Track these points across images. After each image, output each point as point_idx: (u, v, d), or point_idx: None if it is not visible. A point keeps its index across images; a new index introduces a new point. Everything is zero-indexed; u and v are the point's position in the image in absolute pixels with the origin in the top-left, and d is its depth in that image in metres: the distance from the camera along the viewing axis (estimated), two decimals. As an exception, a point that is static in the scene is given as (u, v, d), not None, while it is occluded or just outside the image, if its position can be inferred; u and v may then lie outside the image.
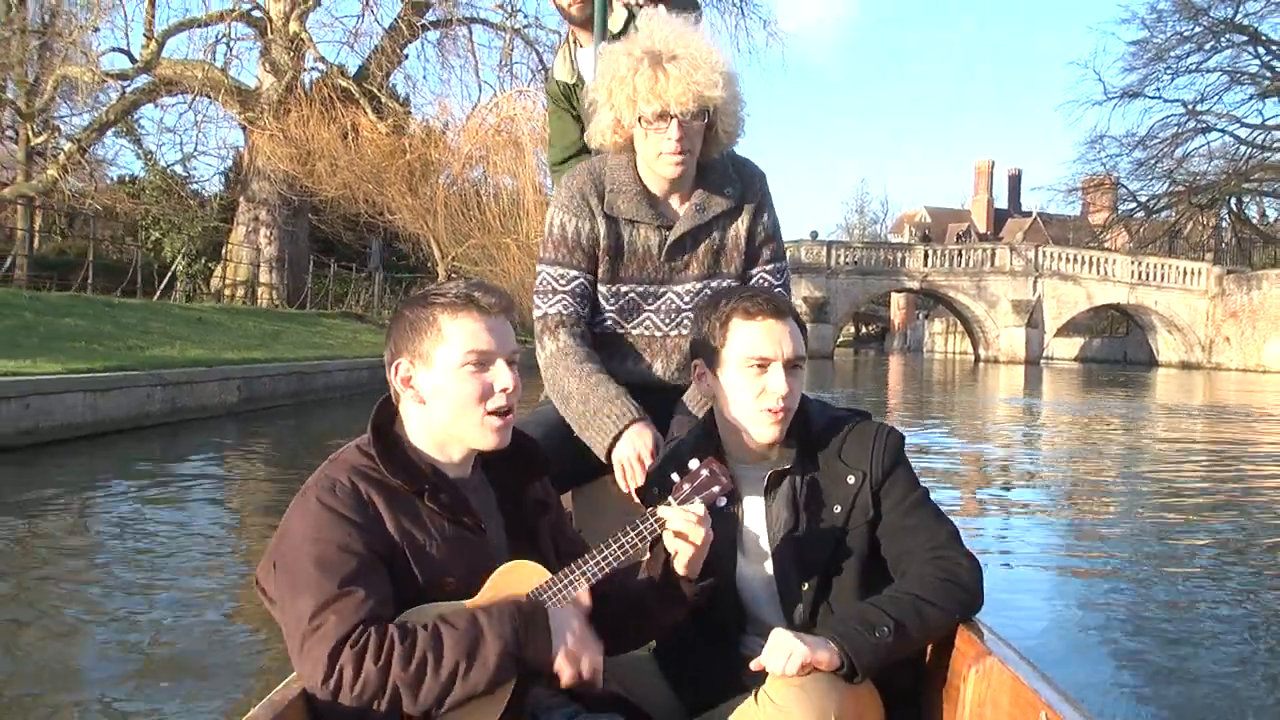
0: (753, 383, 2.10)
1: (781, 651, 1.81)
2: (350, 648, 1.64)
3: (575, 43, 3.74)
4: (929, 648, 2.06)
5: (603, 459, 2.49)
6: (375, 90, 29.37)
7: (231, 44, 30.50)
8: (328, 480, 1.80)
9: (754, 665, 1.85)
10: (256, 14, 30.12)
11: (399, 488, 1.82)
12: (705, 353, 2.19)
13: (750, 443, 2.15)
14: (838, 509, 2.10)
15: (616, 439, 2.46)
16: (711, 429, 2.23)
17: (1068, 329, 59.09)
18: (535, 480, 2.06)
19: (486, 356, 1.85)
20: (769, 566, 2.13)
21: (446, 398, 1.85)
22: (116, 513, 7.26)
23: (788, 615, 2.11)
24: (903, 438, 2.19)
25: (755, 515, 2.17)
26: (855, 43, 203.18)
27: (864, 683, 1.86)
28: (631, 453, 2.43)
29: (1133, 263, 54.09)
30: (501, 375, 1.87)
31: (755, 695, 1.86)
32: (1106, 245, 63.00)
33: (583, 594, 1.86)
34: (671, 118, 2.43)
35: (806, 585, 2.09)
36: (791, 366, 2.10)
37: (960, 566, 2.02)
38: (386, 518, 1.78)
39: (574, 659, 1.79)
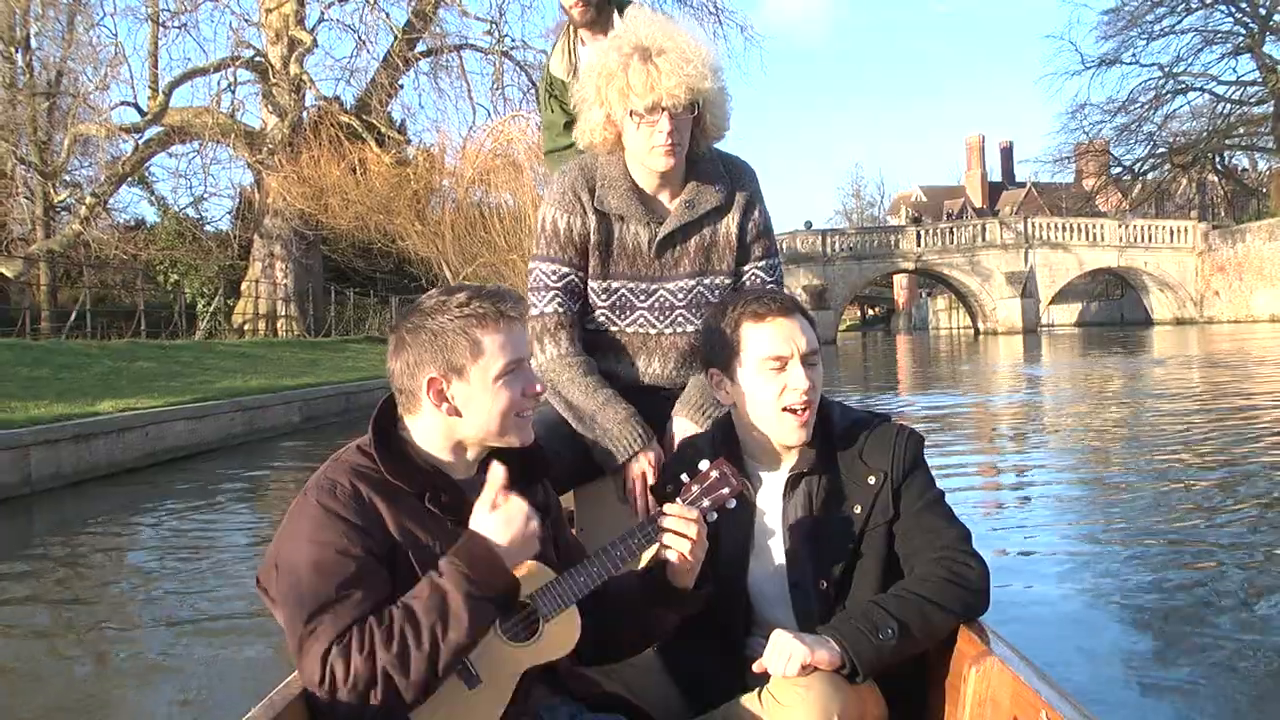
0: (773, 383, 2.11)
1: (781, 653, 1.85)
2: (338, 644, 1.67)
3: (577, 38, 3.80)
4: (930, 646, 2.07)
5: (609, 474, 2.61)
6: (375, 122, 31.17)
7: (235, 89, 32.37)
8: (328, 482, 1.83)
9: (756, 667, 1.90)
10: (257, 59, 31.87)
11: (400, 488, 1.84)
12: (719, 361, 2.21)
13: (772, 445, 2.19)
14: (858, 509, 2.12)
15: (626, 463, 2.56)
16: (729, 432, 2.25)
17: (1064, 295, 61.23)
18: (537, 483, 2.06)
19: (519, 365, 1.91)
20: (783, 567, 2.16)
21: (485, 408, 1.89)
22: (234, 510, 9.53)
23: (799, 615, 2.13)
24: (923, 439, 2.22)
25: (772, 516, 2.19)
26: (840, 34, 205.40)
27: (866, 681, 1.89)
28: (637, 473, 2.53)
29: (1120, 226, 56.28)
30: (531, 378, 1.93)
31: (759, 694, 1.89)
32: (1102, 210, 65.15)
33: (493, 472, 1.88)
34: (663, 110, 2.46)
35: (824, 584, 2.12)
36: (808, 360, 2.13)
37: (968, 568, 2.04)
38: (388, 518, 1.81)
39: (525, 543, 1.84)
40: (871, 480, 2.14)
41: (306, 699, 1.70)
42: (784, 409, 2.11)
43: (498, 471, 1.85)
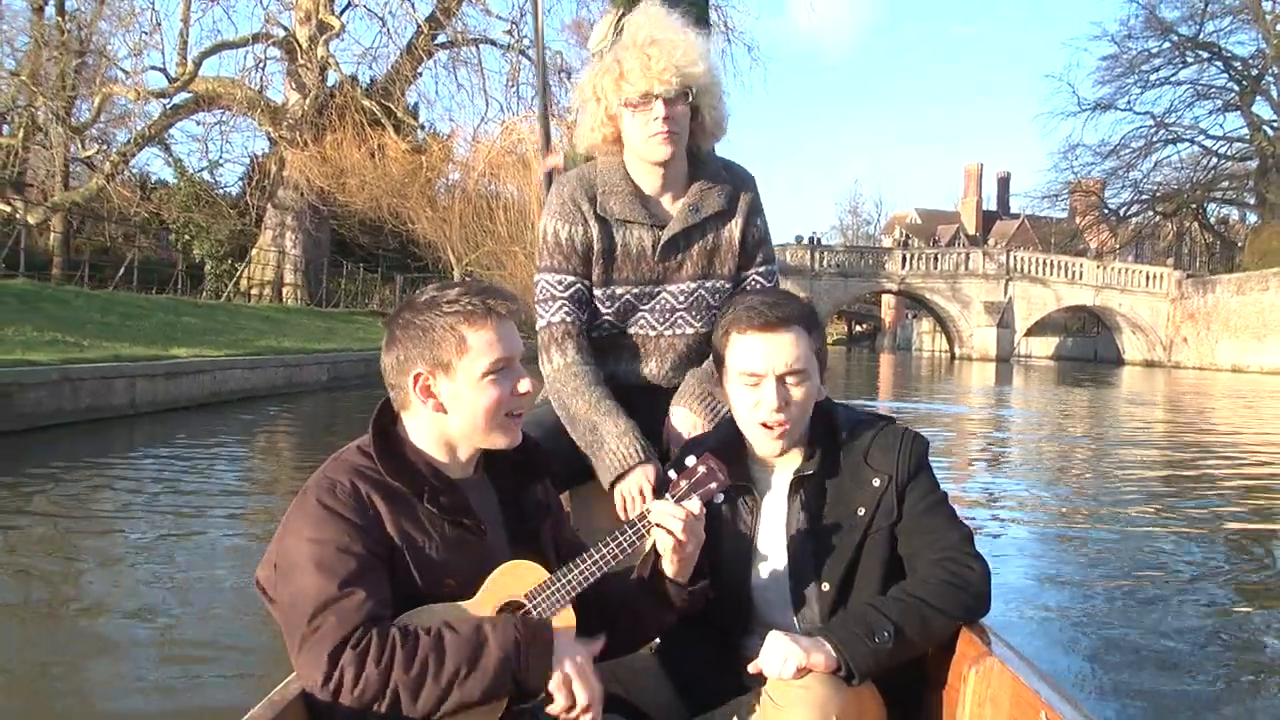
0: (748, 395, 2.17)
1: (777, 655, 1.88)
2: (352, 649, 1.69)
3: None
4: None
5: (605, 488, 2.58)
6: (393, 107, 33.56)
7: (263, 64, 34.43)
8: (328, 481, 1.86)
9: (752, 669, 1.92)
10: (286, 39, 33.97)
11: (399, 489, 1.88)
12: (716, 362, 2.28)
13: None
14: (861, 511, 2.16)
15: (621, 476, 2.54)
16: (735, 432, 2.28)
17: (1044, 328, 64.50)
18: (537, 482, 2.11)
19: (507, 363, 1.93)
20: (785, 568, 2.20)
21: (469, 406, 1.92)
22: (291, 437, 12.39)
23: (801, 617, 2.18)
24: (928, 443, 2.26)
25: (775, 517, 2.23)
26: (860, 50, 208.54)
27: (864, 683, 1.92)
28: (634, 487, 2.51)
29: (1099, 267, 59.57)
30: (521, 380, 1.95)
31: (756, 695, 1.95)
32: (1091, 247, 68.34)
33: (596, 646, 1.91)
34: (656, 97, 2.52)
35: (826, 585, 2.16)
36: (787, 379, 2.14)
37: (969, 570, 2.08)
38: (386, 518, 1.84)
39: (569, 688, 1.82)
40: (876, 482, 2.17)
41: (307, 699, 1.73)
42: (759, 422, 2.16)
43: (599, 647, 1.92)
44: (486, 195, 33.76)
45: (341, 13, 34.84)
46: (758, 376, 2.14)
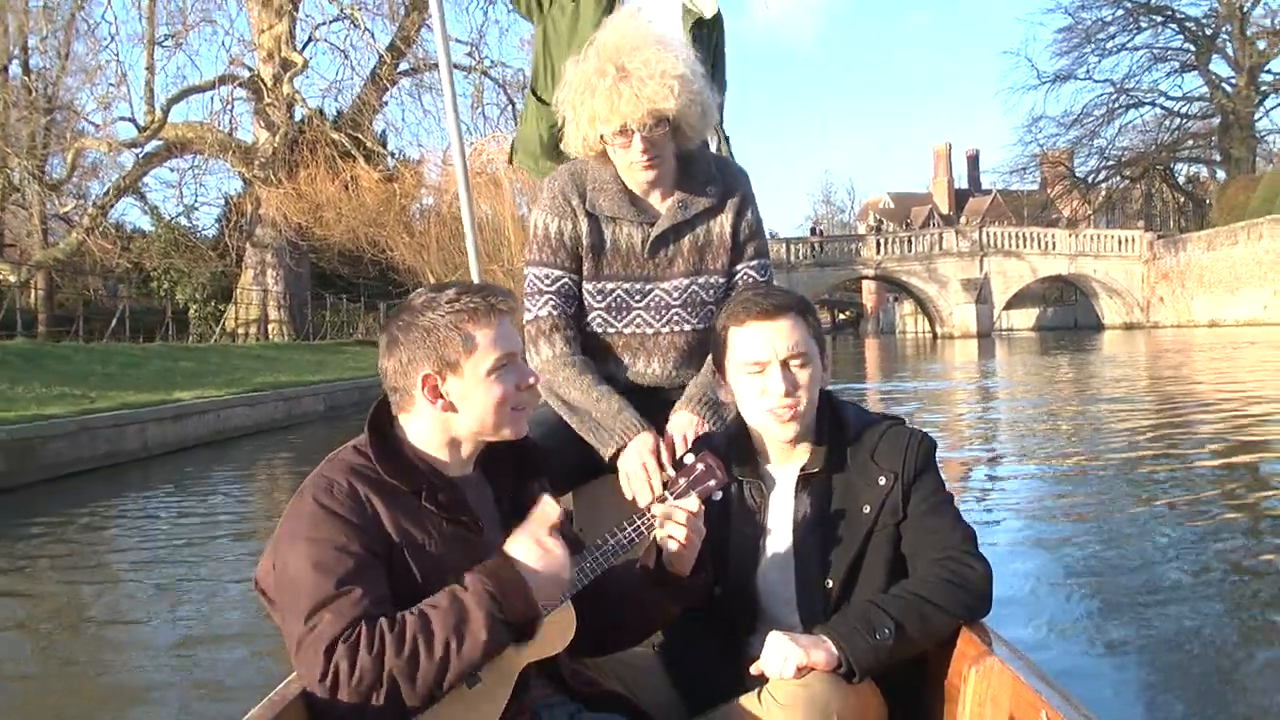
0: (754, 385, 2.20)
1: (777, 655, 1.91)
2: (344, 643, 1.70)
3: None
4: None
5: (608, 463, 2.62)
6: (362, 138, 34.18)
7: (231, 105, 34.89)
8: (325, 481, 1.87)
9: (753, 670, 1.95)
10: (251, 79, 34.55)
11: (396, 487, 1.88)
12: (717, 362, 2.33)
13: (780, 444, 2.27)
14: (867, 509, 2.18)
15: (621, 450, 2.58)
16: (743, 429, 2.33)
17: (1022, 300, 65.63)
18: (534, 479, 2.11)
19: (510, 359, 1.96)
20: (791, 565, 2.23)
21: (479, 403, 1.94)
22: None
23: (804, 614, 2.19)
24: (935, 444, 2.29)
25: (782, 514, 2.26)
26: (822, 42, 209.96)
27: (865, 681, 1.94)
28: (636, 461, 2.54)
29: (1071, 235, 60.89)
30: (524, 372, 1.99)
31: (758, 694, 1.95)
32: (1064, 215, 69.53)
33: (555, 517, 1.90)
34: (632, 132, 2.54)
35: (830, 582, 2.18)
36: (791, 363, 2.18)
37: (971, 570, 2.09)
38: (384, 517, 1.85)
39: (554, 586, 1.87)
40: (882, 481, 2.19)
41: (307, 699, 1.74)
42: (767, 409, 2.19)
43: (550, 509, 1.91)
44: (460, 217, 33.71)
45: (303, 48, 35.58)
46: (761, 364, 2.18)
